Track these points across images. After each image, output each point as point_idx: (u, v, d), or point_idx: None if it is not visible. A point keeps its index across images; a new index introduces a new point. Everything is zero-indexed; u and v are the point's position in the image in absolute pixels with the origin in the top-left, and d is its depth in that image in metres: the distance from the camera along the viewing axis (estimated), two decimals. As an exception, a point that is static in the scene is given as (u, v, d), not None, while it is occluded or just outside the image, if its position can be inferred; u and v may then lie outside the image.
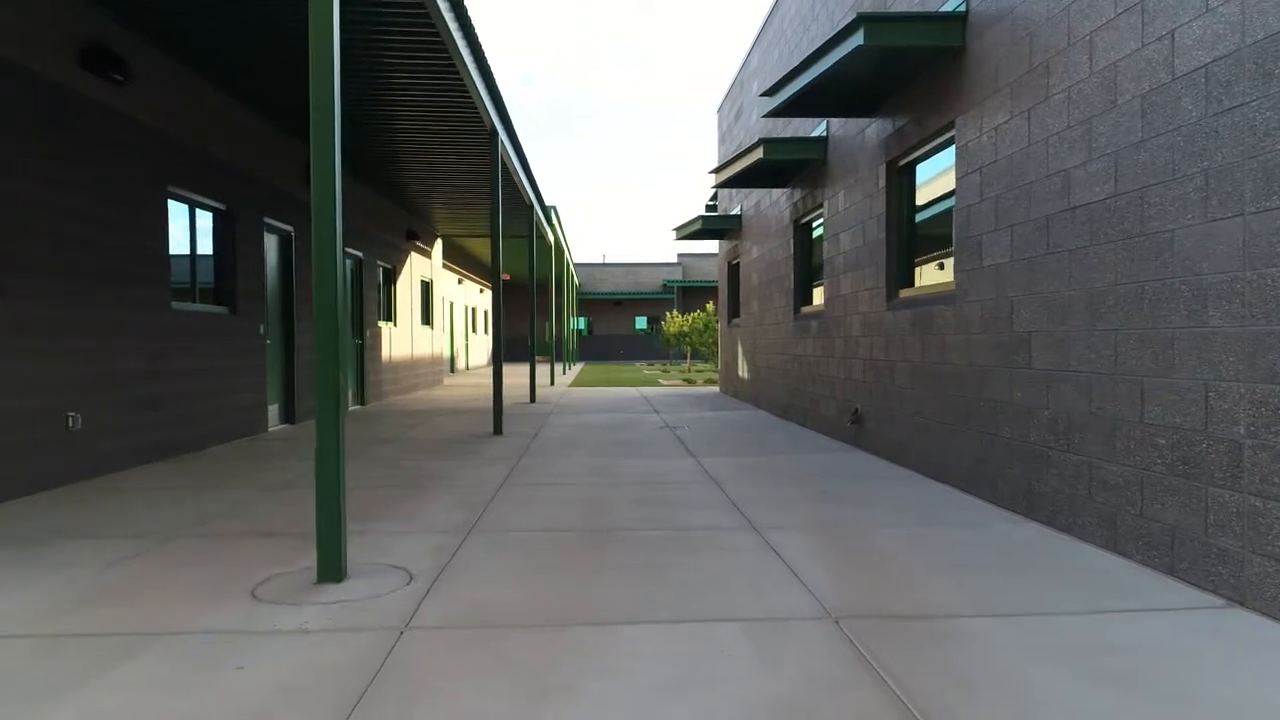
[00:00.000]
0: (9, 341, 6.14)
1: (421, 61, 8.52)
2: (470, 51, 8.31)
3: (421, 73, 8.86)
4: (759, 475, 7.19)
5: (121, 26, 7.50)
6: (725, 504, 5.95)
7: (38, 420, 6.43)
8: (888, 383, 7.81)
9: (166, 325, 8.30)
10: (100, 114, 7.25)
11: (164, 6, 7.16)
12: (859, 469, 7.46)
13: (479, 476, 7.17)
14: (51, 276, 6.60)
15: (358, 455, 8.49)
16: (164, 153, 8.25)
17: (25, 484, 6.29)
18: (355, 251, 14.59)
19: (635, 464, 7.86)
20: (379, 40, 7.95)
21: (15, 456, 6.18)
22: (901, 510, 5.69)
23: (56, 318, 6.66)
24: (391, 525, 5.31)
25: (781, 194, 12.11)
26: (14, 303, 6.19)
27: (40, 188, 6.48)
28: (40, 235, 6.48)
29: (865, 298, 8.45)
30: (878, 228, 8.08)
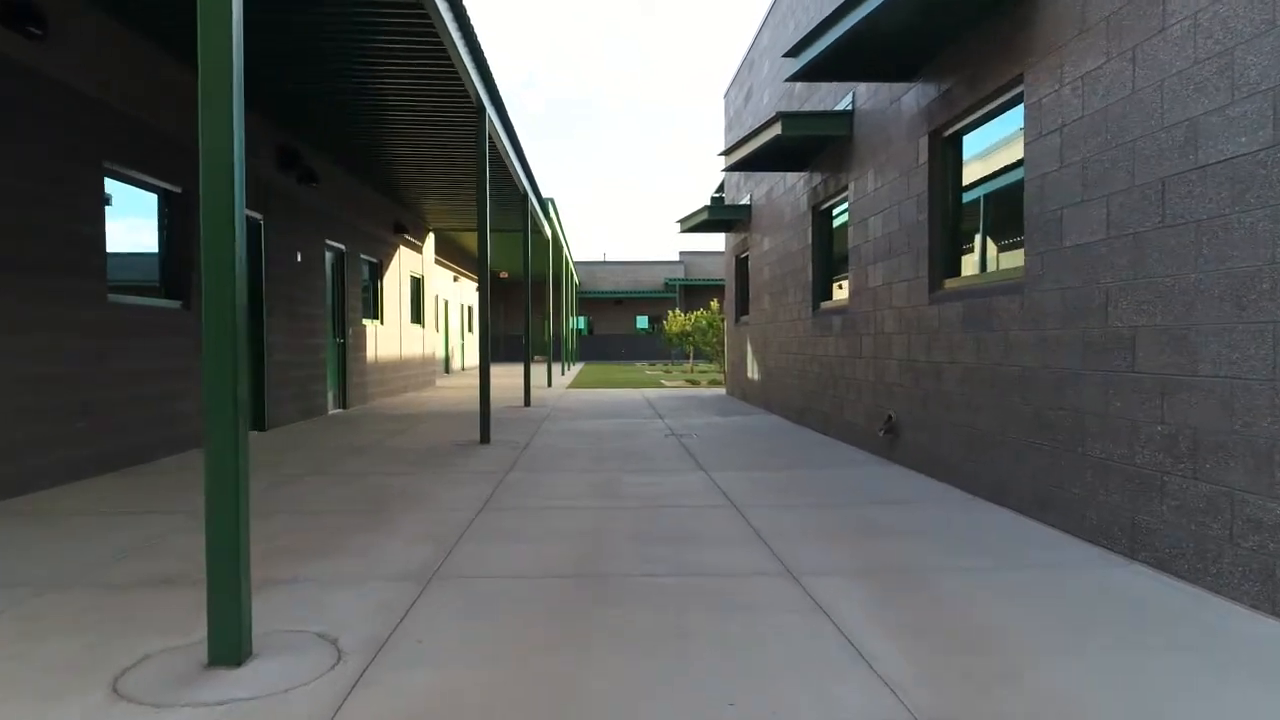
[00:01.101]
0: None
1: (397, 21, 7.46)
2: (453, 14, 7.27)
3: (397, 35, 7.81)
4: (783, 495, 6.14)
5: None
6: (750, 537, 4.90)
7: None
8: (930, 387, 6.76)
9: (105, 321, 7.25)
10: (19, 77, 6.20)
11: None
12: (900, 488, 6.40)
13: (456, 497, 6.13)
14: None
15: (322, 469, 7.44)
16: (99, 124, 7.19)
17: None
18: (336, 244, 13.55)
19: (639, 481, 6.81)
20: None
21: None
22: (970, 546, 4.63)
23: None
24: (334, 568, 4.25)
25: (798, 178, 11.06)
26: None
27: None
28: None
29: (901, 290, 7.41)
30: (916, 209, 7.04)
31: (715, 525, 5.20)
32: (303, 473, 7.27)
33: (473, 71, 8.44)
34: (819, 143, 9.51)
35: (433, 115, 10.48)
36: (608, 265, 48.02)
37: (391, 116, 10.59)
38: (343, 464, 7.77)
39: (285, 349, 11.21)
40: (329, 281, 13.32)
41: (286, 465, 7.68)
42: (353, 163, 13.32)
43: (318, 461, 7.91)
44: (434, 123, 10.84)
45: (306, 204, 12.09)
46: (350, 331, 14.24)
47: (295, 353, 11.57)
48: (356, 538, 4.89)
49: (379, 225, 16.10)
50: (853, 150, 8.76)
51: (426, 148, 12.22)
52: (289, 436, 9.96)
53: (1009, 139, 5.88)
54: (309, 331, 12.14)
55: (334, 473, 7.28)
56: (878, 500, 5.94)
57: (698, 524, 5.24)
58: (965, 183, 6.58)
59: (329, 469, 7.47)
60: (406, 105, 10.03)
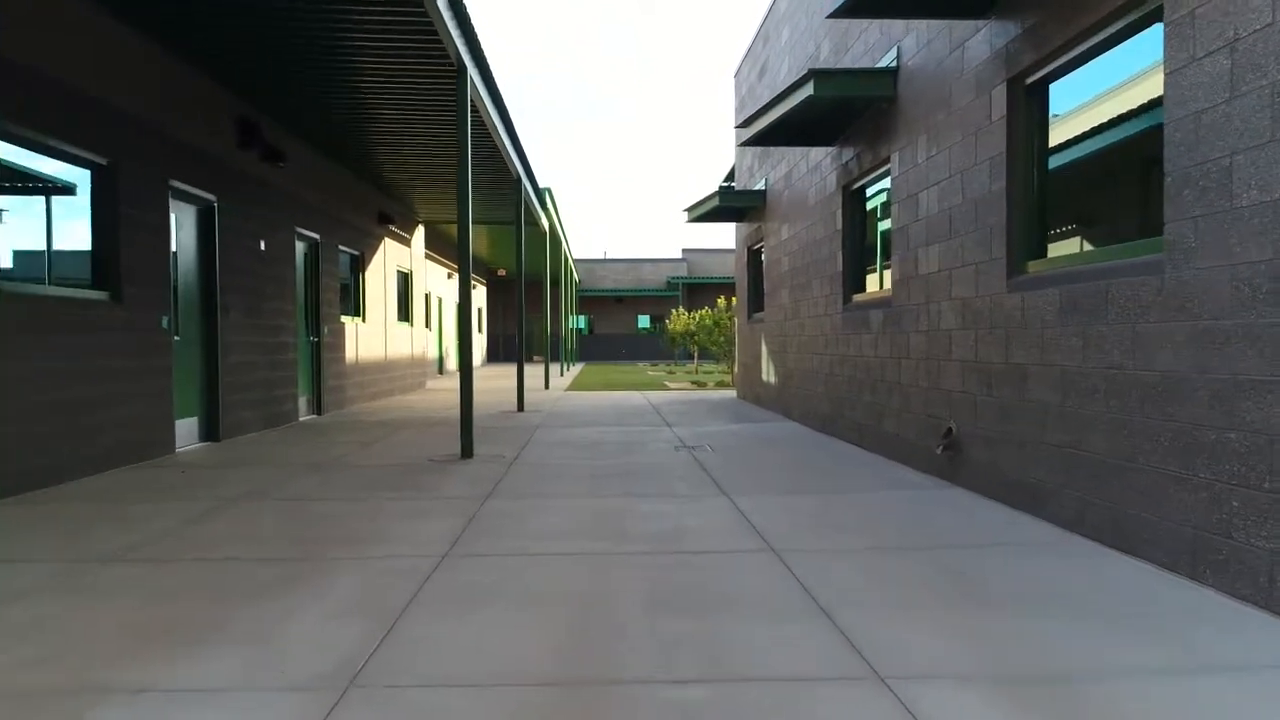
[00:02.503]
0: None
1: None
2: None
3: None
4: (831, 531, 4.82)
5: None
6: (804, 604, 3.59)
7: None
8: (1009, 395, 5.45)
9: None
10: None
11: None
12: (977, 522, 5.09)
13: (416, 537, 4.81)
14: None
15: (264, 493, 6.13)
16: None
17: None
18: (309, 232, 12.23)
19: (647, 510, 5.50)
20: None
21: None
22: (1120, 625, 3.31)
23: None
24: (206, 667, 2.94)
25: (824, 155, 9.75)
26: None
27: None
28: None
29: (965, 277, 6.10)
30: (989, 177, 5.73)
31: (753, 582, 3.89)
32: (238, 497, 5.97)
33: (449, 20, 7.13)
34: (853, 109, 8.20)
35: (411, 86, 9.16)
36: (609, 263, 46.72)
37: (366, 86, 9.28)
38: (291, 486, 6.46)
39: (244, 349, 9.90)
40: (300, 274, 12.01)
41: (224, 486, 6.38)
42: (327, 143, 12.01)
43: (262, 483, 6.60)
44: (413, 96, 9.52)
45: (272, 186, 10.78)
46: (326, 330, 12.93)
47: (257, 353, 10.27)
48: (261, 606, 3.57)
49: (361, 215, 14.79)
50: (897, 115, 7.45)
51: (408, 127, 10.90)
52: (242, 449, 8.65)
53: (1136, 80, 4.56)
54: (275, 329, 10.83)
55: (276, 498, 5.97)
56: (956, 541, 4.63)
57: (729, 579, 3.92)
58: (1054, 142, 5.27)
59: (272, 493, 6.16)
60: (379, 69, 8.72)
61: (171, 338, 8.31)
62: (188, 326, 8.88)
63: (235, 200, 9.73)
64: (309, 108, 10.14)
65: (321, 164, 12.67)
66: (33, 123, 6.34)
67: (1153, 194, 4.28)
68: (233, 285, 9.64)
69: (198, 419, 9.10)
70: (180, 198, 8.71)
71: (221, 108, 9.38)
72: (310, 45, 7.99)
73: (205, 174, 9.02)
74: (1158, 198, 4.16)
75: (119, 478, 6.84)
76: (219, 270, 9.32)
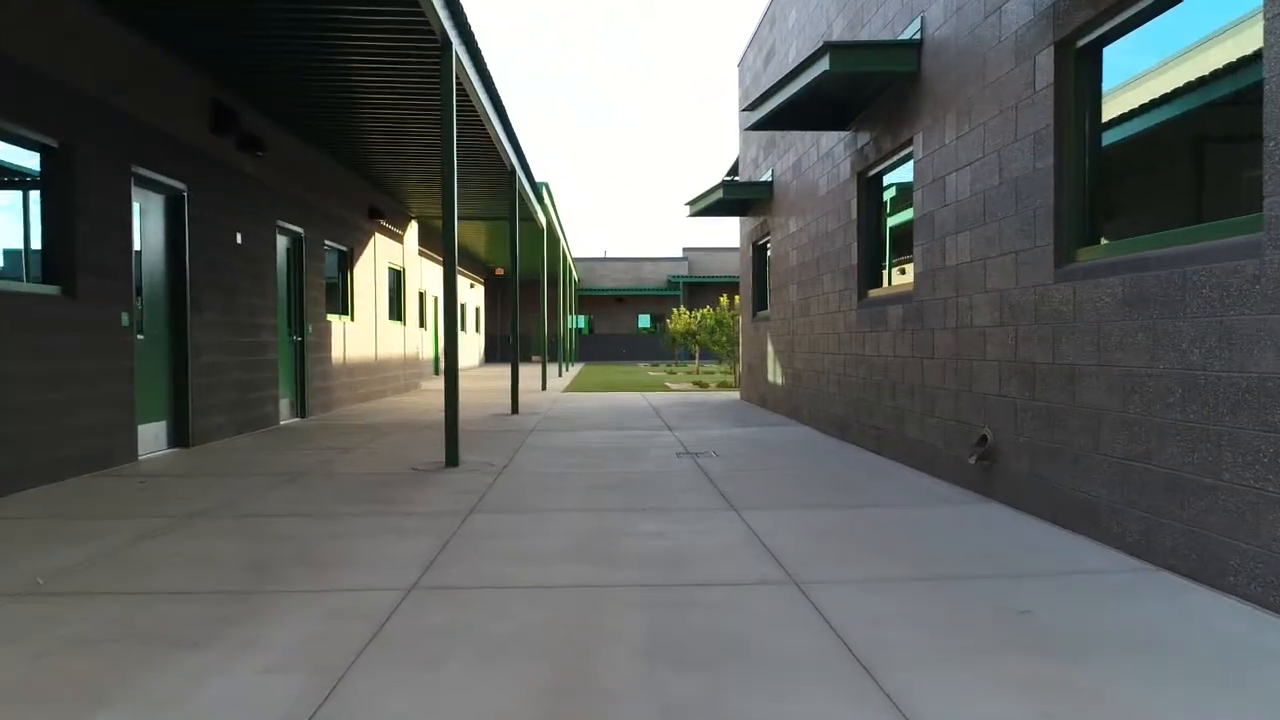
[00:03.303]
0: None
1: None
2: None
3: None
4: (860, 557, 4.20)
5: None
6: (838, 656, 2.96)
7: None
8: (1057, 398, 4.83)
9: (-78, 309, 5.34)
10: None
11: None
12: (1031, 548, 4.46)
13: (383, 562, 4.19)
14: None
15: (227, 508, 5.51)
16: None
17: None
18: (292, 226, 11.61)
19: (646, 530, 4.88)
20: None
21: None
22: (1240, 687, 2.69)
23: None
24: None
25: (836, 141, 9.13)
26: None
27: None
28: None
29: (1002, 267, 5.48)
30: (1032, 154, 5.10)
31: (773, 626, 3.26)
32: (194, 513, 5.35)
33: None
34: (870, 88, 7.58)
35: (397, 68, 8.54)
36: (608, 261, 46.10)
37: (348, 67, 8.66)
38: (255, 500, 5.84)
39: (218, 348, 9.28)
40: (282, 270, 11.39)
41: (181, 500, 5.76)
42: (311, 133, 11.39)
43: (225, 496, 5.98)
44: (400, 81, 8.90)
45: (251, 177, 10.16)
46: (311, 329, 12.31)
47: (232, 353, 9.65)
48: (184, 656, 2.95)
49: (350, 209, 14.17)
50: (920, 91, 6.82)
51: (396, 113, 10.27)
52: (213, 457, 8.03)
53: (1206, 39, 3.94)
54: (252, 327, 10.21)
55: (235, 514, 5.35)
56: (1007, 569, 4.00)
57: (744, 622, 3.30)
58: (1109, 117, 4.65)
59: (233, 508, 5.54)
60: (360, 47, 8.10)
61: (134, 336, 7.69)
62: (154, 324, 8.26)
63: (209, 190, 9.11)
64: (287, 92, 9.52)
65: (306, 154, 12.04)
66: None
67: (1241, 167, 3.65)
68: (205, 281, 9.02)
69: (166, 423, 8.48)
70: (146, 186, 8.09)
71: (193, 89, 8.75)
72: (285, 21, 7.36)
73: (174, 161, 8.40)
74: (1248, 171, 3.54)
75: (68, 490, 6.22)
76: (190, 264, 8.70)
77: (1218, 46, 3.83)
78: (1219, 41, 3.82)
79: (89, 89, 7.01)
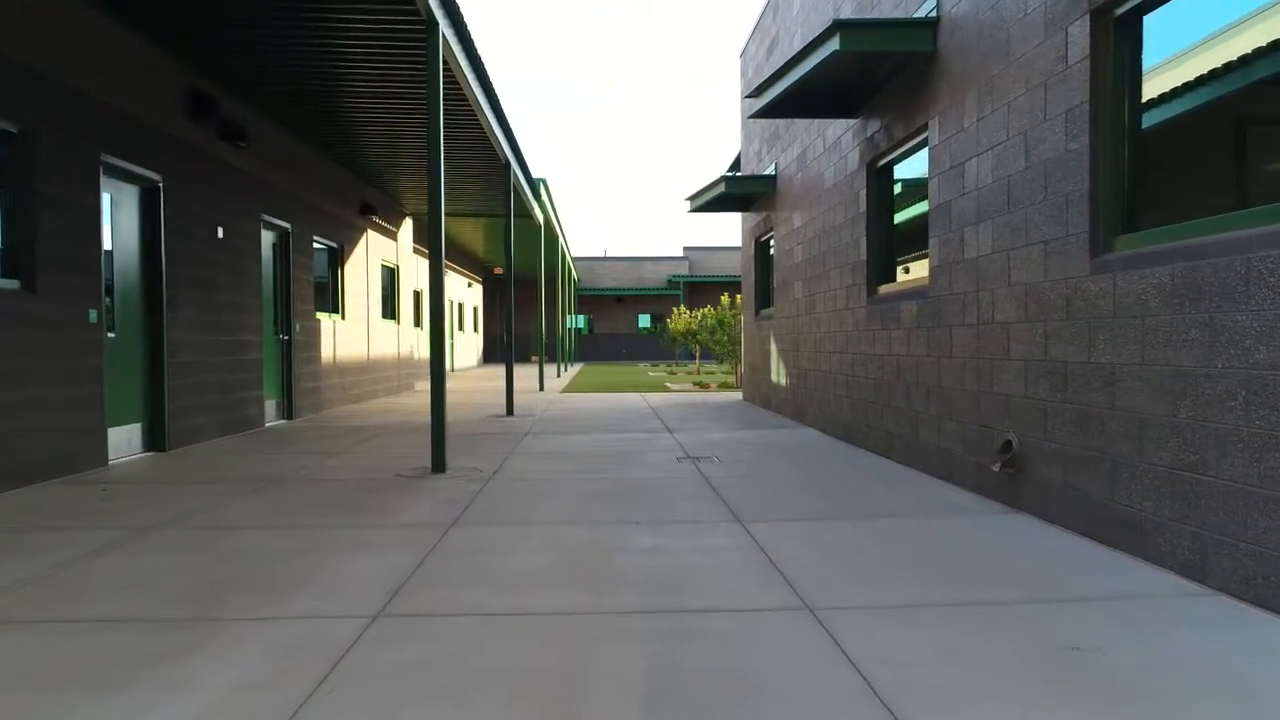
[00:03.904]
0: None
1: None
2: None
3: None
4: (883, 581, 3.77)
5: None
6: (871, 714, 2.54)
7: None
8: (1095, 400, 4.40)
9: None
10: None
11: None
12: (1071, 567, 4.03)
13: (349, 583, 3.76)
14: None
15: (187, 517, 5.08)
16: None
17: None
18: (279, 221, 11.19)
19: (643, 546, 4.46)
20: None
21: None
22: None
23: None
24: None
25: (844, 130, 8.71)
26: None
27: None
28: None
29: (1029, 258, 5.05)
30: (1064, 134, 4.68)
31: (786, 662, 2.84)
32: (154, 524, 4.93)
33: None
34: (882, 72, 7.16)
35: (386, 55, 8.11)
36: (608, 261, 45.68)
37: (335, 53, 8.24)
38: (224, 509, 5.41)
39: (197, 347, 8.86)
40: (267, 266, 10.97)
41: (144, 509, 5.33)
42: (297, 124, 10.97)
43: (191, 504, 5.55)
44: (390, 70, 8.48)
45: (233, 168, 9.74)
46: (298, 327, 11.89)
47: (213, 352, 9.23)
48: (97, 705, 2.52)
49: (340, 204, 13.75)
50: (937, 73, 6.40)
51: (386, 103, 9.85)
52: (188, 461, 7.61)
53: None
54: (234, 326, 9.79)
55: (198, 526, 4.92)
56: (1050, 593, 3.57)
57: (753, 657, 2.88)
58: (1155, 93, 4.22)
59: (197, 518, 5.12)
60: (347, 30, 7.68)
61: (103, 334, 7.27)
62: (127, 322, 7.84)
63: (187, 181, 8.68)
64: (269, 79, 9.09)
65: (293, 147, 11.62)
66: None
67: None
68: (183, 276, 8.60)
69: (141, 426, 8.06)
70: (117, 176, 7.67)
71: (168, 75, 8.33)
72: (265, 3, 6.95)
73: (149, 150, 7.98)
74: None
75: (25, 499, 5.79)
76: (166, 259, 8.28)
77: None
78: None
79: (52, 72, 6.59)
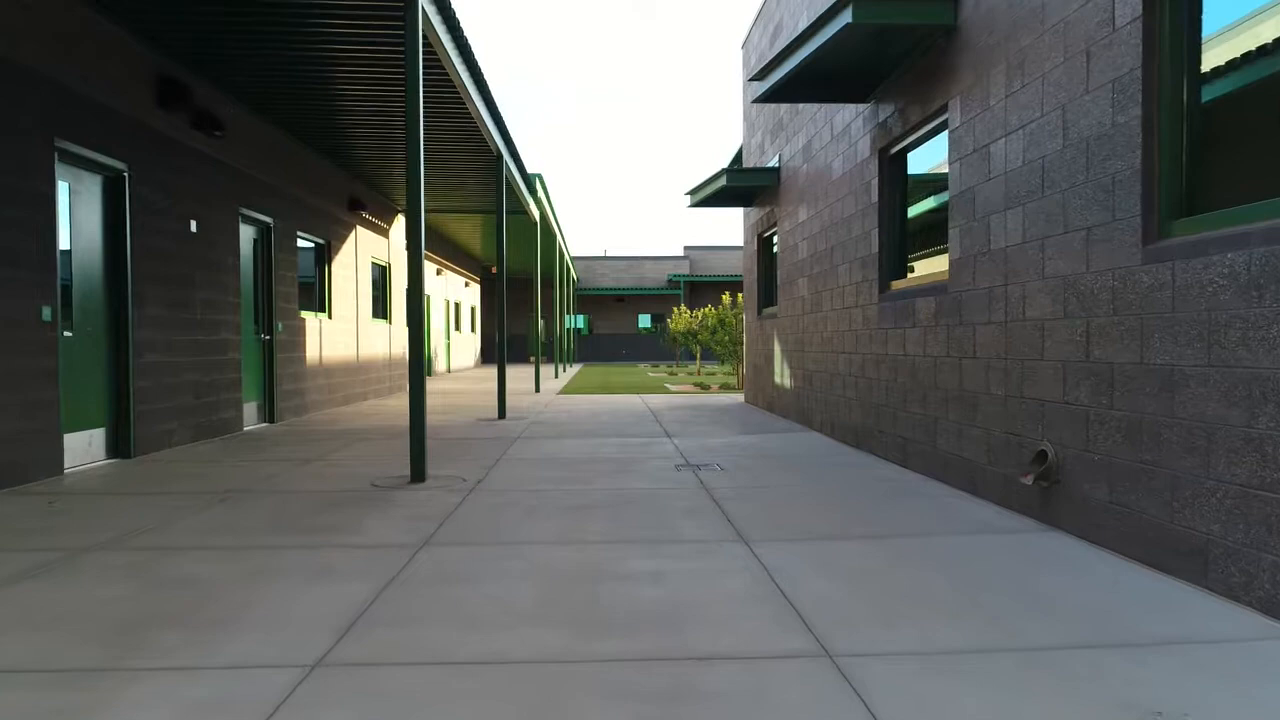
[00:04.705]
0: None
1: None
2: None
3: None
4: (914, 617, 3.24)
5: None
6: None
7: None
8: (1148, 407, 3.88)
9: None
10: None
11: None
12: (1131, 599, 3.51)
13: (290, 623, 3.24)
14: None
15: (132, 535, 4.56)
16: None
17: None
18: (259, 215, 10.67)
19: (637, 572, 3.94)
20: None
21: None
22: None
23: None
24: None
25: (854, 116, 8.19)
26: None
27: None
28: None
29: (1067, 247, 4.53)
30: (1110, 106, 4.15)
31: (807, 731, 2.32)
32: (95, 544, 4.41)
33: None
34: (896, 51, 6.64)
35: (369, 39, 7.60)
36: (608, 260, 45.15)
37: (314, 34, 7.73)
38: (176, 526, 4.89)
39: (166, 347, 8.34)
40: (247, 262, 10.45)
41: (87, 526, 4.81)
42: (278, 114, 10.44)
43: (140, 520, 5.03)
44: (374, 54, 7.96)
45: (207, 159, 9.22)
46: (281, 326, 11.37)
47: (185, 352, 8.71)
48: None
49: (327, 199, 13.23)
50: (959, 48, 5.88)
51: (371, 89, 9.33)
52: (152, 469, 7.09)
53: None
54: (209, 324, 9.27)
55: (144, 546, 4.41)
56: (1108, 635, 3.04)
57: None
58: (1222, 59, 3.70)
59: (144, 537, 4.60)
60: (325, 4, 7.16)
61: (59, 333, 6.76)
62: (88, 320, 7.32)
63: (156, 171, 8.17)
64: (247, 65, 8.57)
65: (275, 138, 11.10)
66: None
67: None
68: (152, 272, 8.08)
69: (104, 431, 7.54)
70: (77, 164, 7.15)
71: (133, 57, 7.81)
72: None
73: (113, 137, 7.46)
74: None
75: (-41, 512, 5.28)
76: (132, 253, 7.76)
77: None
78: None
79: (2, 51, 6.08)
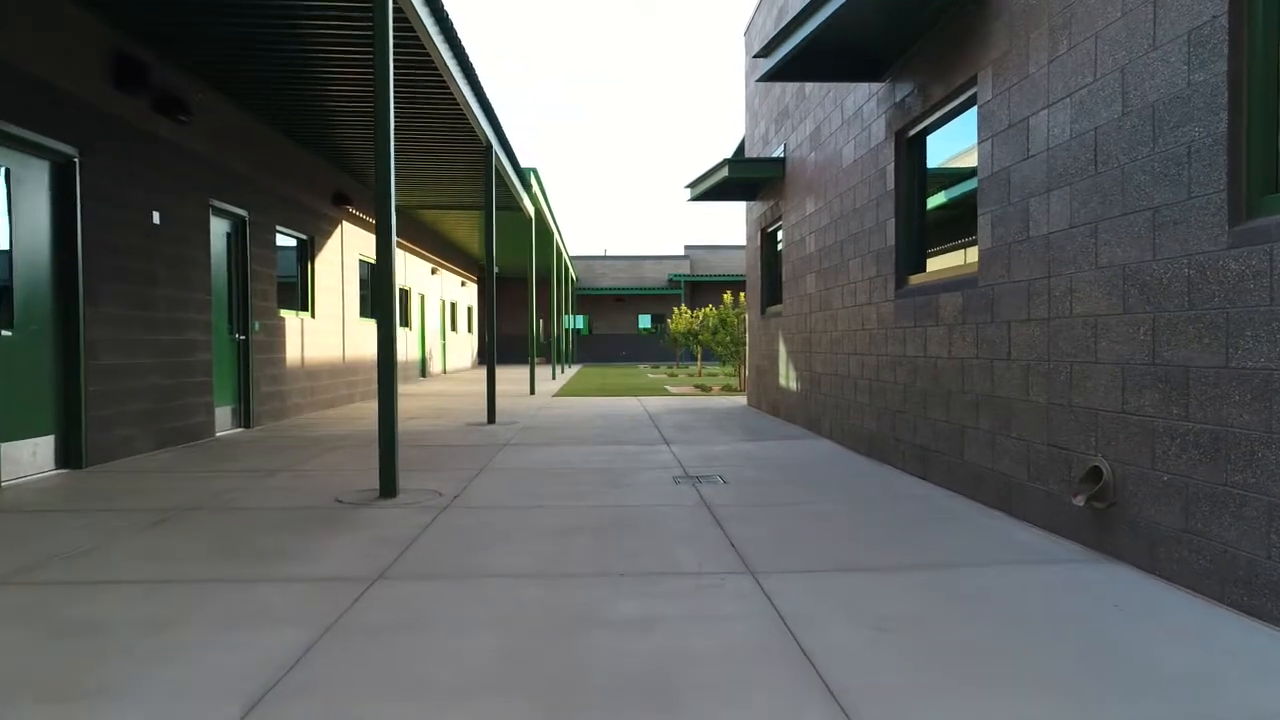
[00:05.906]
0: None
1: None
2: None
3: None
4: (964, 682, 2.61)
5: None
6: None
7: None
8: (1235, 419, 3.25)
9: None
10: None
11: None
12: (1231, 656, 2.87)
13: (192, 685, 2.61)
14: None
15: (46, 562, 3.93)
16: None
17: None
18: (233, 208, 10.05)
19: (624, 617, 3.30)
20: None
21: None
22: None
23: None
24: None
25: (866, 98, 7.56)
26: None
27: None
28: None
29: (1127, 231, 3.90)
30: (1185, 64, 3.52)
31: None
32: (4, 575, 3.79)
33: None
34: (918, 17, 6.01)
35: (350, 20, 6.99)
36: (608, 260, 44.52)
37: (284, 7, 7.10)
38: (104, 552, 4.26)
39: (125, 348, 7.71)
40: (219, 257, 9.82)
41: (16, 550, 4.19)
42: (253, 99, 9.82)
43: (66, 544, 4.40)
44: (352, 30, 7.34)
45: (172, 146, 8.59)
46: (258, 326, 10.74)
47: (146, 353, 8.08)
48: None
49: (310, 193, 12.61)
50: (991, 12, 5.25)
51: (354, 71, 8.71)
52: (102, 481, 6.46)
53: None
54: (176, 323, 8.64)
55: (56, 580, 3.77)
56: (1215, 708, 2.42)
57: None
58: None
59: (65, 565, 3.96)
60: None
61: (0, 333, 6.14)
62: (31, 319, 6.69)
63: (112, 157, 7.54)
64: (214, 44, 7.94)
65: (249, 125, 10.47)
66: None
67: None
68: (107, 266, 7.45)
69: (52, 439, 6.92)
70: (17, 146, 6.52)
71: (89, 32, 7.18)
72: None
73: (61, 119, 6.83)
74: None
75: None
76: (83, 246, 7.13)
77: None
78: None
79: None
